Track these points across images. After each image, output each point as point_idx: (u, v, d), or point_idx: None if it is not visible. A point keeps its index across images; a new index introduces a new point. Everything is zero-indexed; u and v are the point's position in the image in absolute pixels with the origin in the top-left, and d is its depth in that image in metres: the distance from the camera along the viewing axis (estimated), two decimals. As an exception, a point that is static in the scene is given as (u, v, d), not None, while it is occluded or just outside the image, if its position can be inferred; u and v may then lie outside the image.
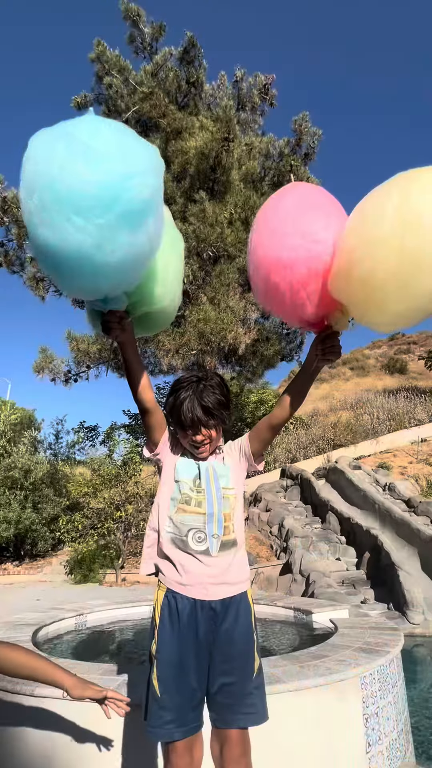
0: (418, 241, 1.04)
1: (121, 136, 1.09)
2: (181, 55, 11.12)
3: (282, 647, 3.01)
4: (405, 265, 1.06)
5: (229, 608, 1.42)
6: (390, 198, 1.09)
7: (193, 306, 9.13)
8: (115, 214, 1.05)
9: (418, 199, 1.05)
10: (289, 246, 1.25)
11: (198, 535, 1.43)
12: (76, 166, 1.02)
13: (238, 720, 1.37)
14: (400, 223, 1.05)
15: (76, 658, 2.74)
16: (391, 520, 8.21)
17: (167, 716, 1.35)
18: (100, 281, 1.18)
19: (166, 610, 1.41)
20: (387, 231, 1.07)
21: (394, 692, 2.31)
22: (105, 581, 8.50)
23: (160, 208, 1.19)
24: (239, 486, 1.53)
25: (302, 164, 10.33)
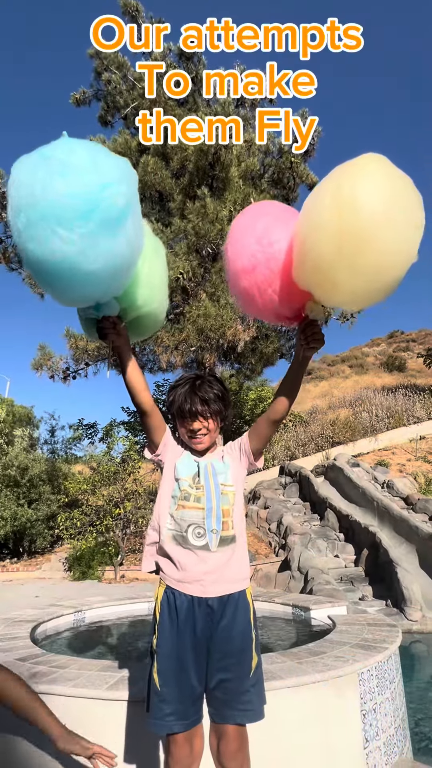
0: (354, 221, 1.13)
1: (94, 151, 1.19)
2: (180, 51, 11.05)
3: (280, 644, 3.02)
4: (346, 244, 1.15)
5: (227, 605, 1.43)
6: (328, 186, 1.21)
7: (193, 302, 9.11)
8: (95, 223, 1.14)
9: (350, 183, 1.15)
10: (249, 253, 1.38)
11: (197, 531, 1.45)
12: (55, 182, 1.12)
13: (234, 716, 1.39)
14: (337, 207, 1.15)
15: (74, 654, 2.75)
16: (389, 517, 8.23)
17: (167, 709, 1.38)
18: (89, 288, 1.27)
19: (166, 606, 1.44)
20: (326, 216, 1.17)
21: (392, 688, 2.32)
22: (104, 578, 8.51)
23: (137, 214, 1.29)
24: (239, 483, 1.55)
25: (302, 161, 10.30)
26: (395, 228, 1.14)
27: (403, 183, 1.17)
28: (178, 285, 9.00)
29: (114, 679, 2.00)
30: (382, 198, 1.13)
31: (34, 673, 2.06)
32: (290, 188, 10.57)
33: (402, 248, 1.18)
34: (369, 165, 1.17)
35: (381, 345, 40.64)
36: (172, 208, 9.88)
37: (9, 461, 10.20)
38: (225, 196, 9.23)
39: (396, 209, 1.14)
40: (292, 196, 10.68)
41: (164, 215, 10.06)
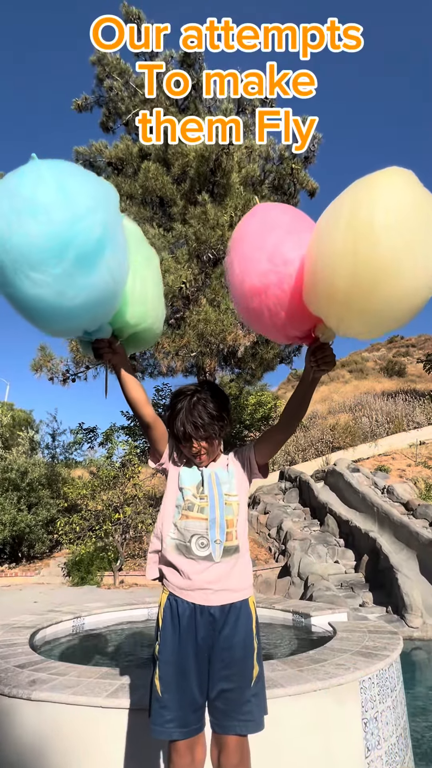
0: (370, 250, 1.03)
1: (64, 180, 1.09)
2: (181, 58, 11.14)
3: (281, 651, 3.00)
4: (362, 274, 1.06)
5: (229, 614, 1.43)
6: (342, 209, 1.10)
7: (193, 308, 9.13)
8: (70, 261, 1.08)
9: (367, 207, 1.03)
10: (260, 272, 1.26)
11: (201, 541, 1.44)
12: (23, 224, 1.04)
13: (234, 727, 1.38)
14: (352, 234, 1.05)
15: (73, 661, 2.73)
16: (389, 523, 8.21)
17: (168, 715, 1.37)
18: (72, 323, 1.22)
19: (168, 613, 1.44)
20: (340, 243, 1.07)
21: (393, 696, 2.30)
22: (103, 583, 8.47)
23: (117, 239, 1.20)
24: (242, 493, 1.54)
25: (302, 167, 10.35)
26: (417, 256, 1.03)
27: (427, 203, 1.05)
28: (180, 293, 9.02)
29: (114, 686, 1.98)
30: (403, 225, 1.02)
31: (34, 681, 2.05)
32: (291, 194, 10.62)
33: (424, 276, 1.07)
34: (388, 184, 1.04)
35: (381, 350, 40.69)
36: (173, 213, 9.92)
37: (8, 465, 10.18)
38: (226, 201, 9.27)
39: (418, 236, 1.03)
40: (292, 202, 10.73)
41: (165, 220, 10.10)
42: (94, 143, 10.73)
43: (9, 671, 2.19)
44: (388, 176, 1.06)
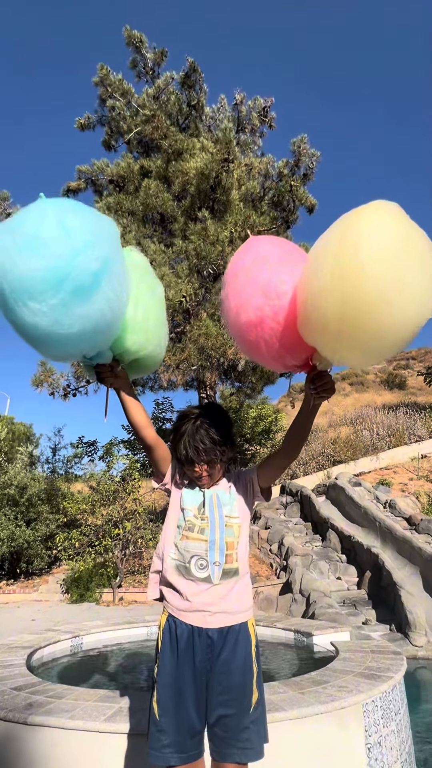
0: (358, 286, 1.04)
1: (65, 218, 1.16)
2: (182, 79, 11.42)
3: (282, 671, 2.95)
4: (351, 310, 1.07)
5: (228, 638, 1.41)
6: (329, 245, 1.11)
7: (194, 322, 9.18)
8: (67, 292, 1.14)
9: (353, 243, 1.04)
10: (254, 306, 1.28)
11: (200, 562, 1.44)
12: (24, 257, 1.12)
13: (233, 755, 1.35)
14: (339, 270, 1.06)
15: (71, 682, 2.68)
16: (392, 538, 8.12)
17: (165, 740, 1.34)
18: (70, 349, 1.29)
19: (167, 634, 1.43)
20: (328, 279, 1.08)
21: (397, 720, 2.25)
22: (102, 600, 8.35)
23: (115, 272, 1.25)
24: (244, 516, 1.53)
25: (301, 184, 10.51)
26: (405, 289, 1.04)
27: (413, 236, 1.06)
28: (180, 307, 9.09)
29: (112, 710, 1.94)
30: (389, 260, 1.02)
31: (30, 704, 2.01)
32: (290, 210, 10.77)
33: (414, 308, 1.08)
34: (374, 219, 1.05)
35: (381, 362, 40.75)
36: (174, 229, 10.05)
37: (8, 480, 10.12)
38: (226, 218, 9.39)
39: (405, 270, 1.03)
40: (292, 218, 10.87)
41: (166, 236, 10.23)
42: (96, 162, 10.93)
43: (5, 694, 2.15)
44: (374, 210, 1.06)
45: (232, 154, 8.83)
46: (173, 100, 11.29)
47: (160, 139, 10.21)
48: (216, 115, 12.00)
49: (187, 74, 11.38)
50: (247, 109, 11.84)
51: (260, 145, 12.07)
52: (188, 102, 11.49)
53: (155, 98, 11.11)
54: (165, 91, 11.19)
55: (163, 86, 11.16)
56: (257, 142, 12.02)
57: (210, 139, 9.69)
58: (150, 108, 10.66)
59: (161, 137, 10.19)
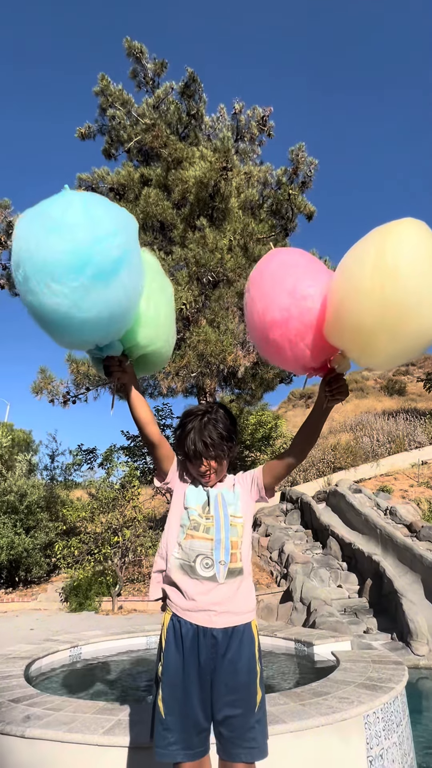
0: (397, 291, 1.17)
1: (90, 207, 1.23)
2: (182, 89, 11.53)
3: (283, 682, 2.92)
4: (389, 312, 1.19)
5: (232, 638, 1.41)
6: (368, 253, 1.23)
7: (193, 329, 9.20)
8: (87, 276, 1.20)
9: (392, 252, 1.18)
10: (282, 306, 1.36)
11: (205, 561, 1.44)
12: (49, 240, 1.18)
13: (240, 754, 1.36)
14: (380, 276, 1.18)
15: (69, 693, 2.65)
16: (393, 546, 8.08)
17: (171, 738, 1.35)
18: (86, 335, 1.32)
19: (171, 633, 1.43)
20: (368, 284, 1.20)
21: (399, 732, 2.23)
22: (101, 609, 8.28)
23: (133, 262, 1.31)
24: (248, 515, 1.55)
25: (299, 192, 10.58)
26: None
27: None
28: (180, 314, 9.12)
29: (110, 722, 1.92)
30: (423, 269, 1.16)
31: (28, 716, 1.99)
32: (289, 218, 10.83)
33: None
34: (409, 232, 1.20)
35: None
36: (173, 237, 10.10)
37: (8, 487, 10.08)
38: (225, 226, 9.45)
39: None
40: (290, 225, 10.93)
41: (166, 244, 10.28)
42: (96, 170, 11.01)
43: (3, 706, 2.13)
44: (408, 226, 1.21)
45: (230, 163, 8.90)
46: (173, 110, 11.39)
47: (160, 147, 10.30)
48: (215, 124, 12.12)
49: (186, 84, 11.50)
50: (246, 118, 11.95)
51: (259, 154, 12.17)
52: (188, 111, 11.60)
53: (155, 108, 11.23)
54: (165, 101, 11.31)
55: (163, 96, 11.28)
56: (256, 151, 12.12)
57: (209, 148, 9.77)
58: (150, 117, 10.76)
59: (161, 146, 10.28)
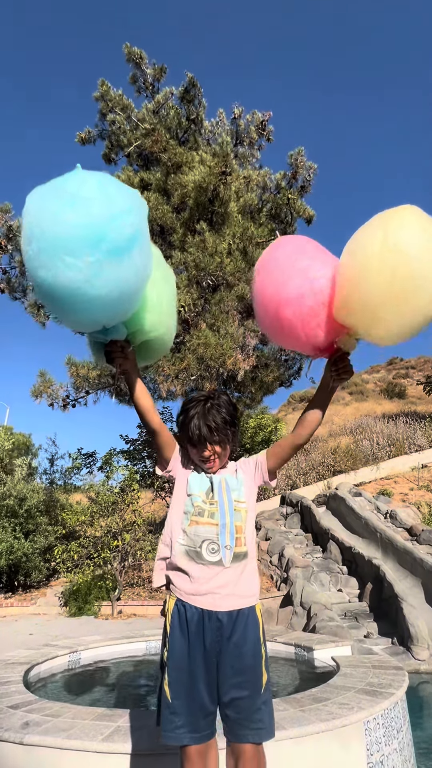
0: (404, 268, 1.28)
1: (105, 184, 1.24)
2: (181, 94, 11.59)
3: (283, 687, 2.91)
4: (397, 288, 1.30)
5: (237, 621, 1.43)
6: (375, 235, 1.33)
7: (193, 332, 9.21)
8: (102, 251, 1.20)
9: (398, 234, 1.30)
10: (294, 285, 1.44)
11: (211, 546, 1.46)
12: (65, 214, 1.17)
13: (247, 735, 1.37)
14: (386, 255, 1.29)
15: (68, 699, 2.64)
16: (393, 550, 8.06)
17: (178, 721, 1.36)
18: (95, 313, 1.31)
19: (176, 618, 1.44)
20: (376, 263, 1.30)
21: (400, 738, 2.22)
22: (101, 614, 8.25)
23: (144, 243, 1.33)
24: (251, 500, 1.57)
25: (299, 196, 10.63)
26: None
27: None
28: (179, 317, 9.13)
29: (110, 729, 1.92)
30: (427, 248, 1.28)
31: (27, 723, 1.98)
32: (288, 222, 10.86)
33: None
34: (410, 216, 1.31)
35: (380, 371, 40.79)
36: (173, 241, 10.13)
37: (7, 491, 10.06)
38: (224, 230, 9.47)
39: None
40: (290, 229, 10.96)
41: (165, 248, 10.30)
42: (97, 174, 11.04)
43: (2, 712, 2.12)
44: (409, 211, 1.33)
45: (230, 167, 8.93)
46: (172, 115, 11.45)
47: (160, 152, 10.34)
48: (215, 128, 12.17)
49: (186, 89, 11.56)
50: (245, 123, 12.00)
51: (258, 158, 12.21)
52: (187, 116, 11.65)
53: (155, 113, 11.28)
54: (164, 106, 11.37)
55: (163, 101, 11.33)
56: (255, 155, 12.16)
57: (209, 153, 9.82)
58: (150, 122, 10.81)
59: (161, 150, 10.32)
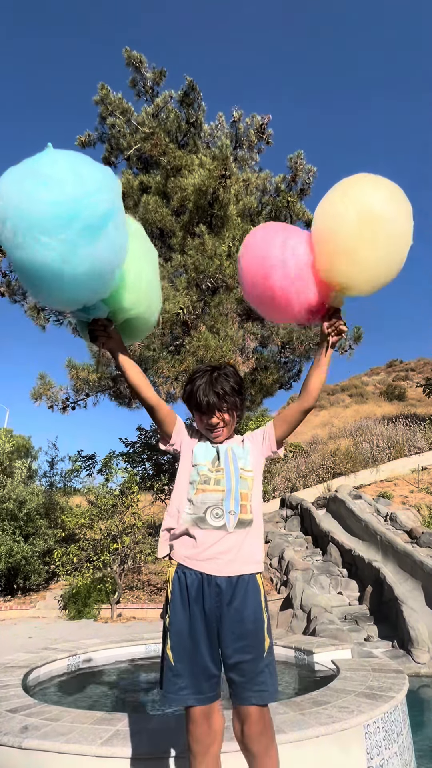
0: (367, 213, 1.45)
1: (77, 162, 1.25)
2: (181, 98, 11.64)
3: (283, 691, 2.90)
4: (366, 230, 1.45)
5: (237, 587, 1.44)
6: (337, 194, 1.52)
7: (193, 334, 9.22)
8: (76, 230, 1.21)
9: (355, 188, 1.49)
10: (276, 254, 1.57)
11: (216, 512, 1.47)
12: (39, 193, 1.19)
13: (251, 697, 1.39)
14: (351, 206, 1.46)
15: (67, 703, 2.63)
16: (393, 552, 8.04)
17: (182, 683, 1.39)
18: (72, 291, 1.32)
19: (177, 584, 1.46)
20: (342, 209, 1.47)
21: (400, 741, 2.21)
22: (100, 617, 8.22)
23: (119, 220, 1.34)
24: (258, 469, 1.57)
25: (298, 199, 10.66)
26: (397, 216, 1.47)
27: (394, 187, 1.53)
28: (178, 319, 9.13)
29: (109, 733, 1.91)
30: (387, 196, 1.47)
31: (26, 727, 1.97)
32: (287, 225, 10.89)
33: (403, 230, 1.49)
34: (362, 176, 1.52)
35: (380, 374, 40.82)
36: (172, 244, 10.15)
37: (7, 494, 10.04)
38: (223, 233, 9.49)
39: (399, 207, 1.49)
40: (289, 232, 11.00)
41: (165, 251, 10.33)
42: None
43: (0, 716, 2.11)
44: (361, 174, 1.53)
45: (229, 170, 8.96)
46: (172, 118, 11.49)
47: (159, 155, 10.38)
48: (214, 132, 12.21)
49: (185, 93, 11.60)
50: (245, 126, 12.05)
51: (258, 161, 12.26)
52: (187, 119, 11.69)
53: (154, 116, 11.32)
54: (164, 109, 11.41)
55: (162, 104, 11.38)
56: (255, 158, 12.21)
57: (208, 156, 9.85)
58: (149, 125, 10.85)
59: (160, 154, 10.36)
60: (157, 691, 1.30)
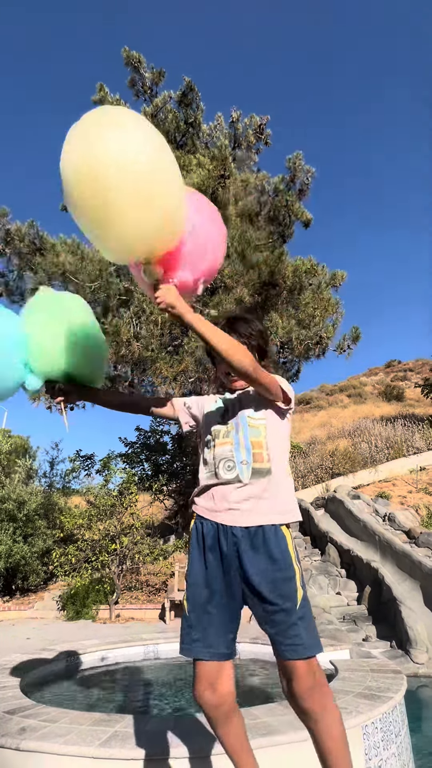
0: (103, 179, 1.21)
1: None
2: (179, 98, 11.65)
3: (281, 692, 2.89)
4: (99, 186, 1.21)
5: (255, 537, 1.37)
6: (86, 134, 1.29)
7: (191, 335, 9.22)
8: None
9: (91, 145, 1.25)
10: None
11: (227, 464, 1.44)
12: None
13: (285, 651, 1.31)
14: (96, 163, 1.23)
15: (65, 704, 2.63)
16: (391, 552, 8.05)
17: (195, 635, 1.37)
18: None
19: (195, 535, 1.45)
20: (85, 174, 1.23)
21: (398, 742, 2.21)
22: (98, 617, 8.22)
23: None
24: (271, 416, 1.49)
25: (297, 200, 10.67)
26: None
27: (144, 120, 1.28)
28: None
29: (107, 734, 1.90)
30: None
31: (23, 728, 1.97)
32: (286, 225, 10.90)
33: (174, 180, 1.28)
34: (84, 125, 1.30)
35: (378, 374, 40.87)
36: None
37: (6, 494, 10.02)
38: (222, 232, 9.48)
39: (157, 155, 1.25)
40: (287, 232, 11.01)
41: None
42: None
43: (-2, 718, 2.10)
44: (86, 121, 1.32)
45: (228, 171, 8.97)
46: (171, 118, 11.49)
47: (158, 155, 10.36)
48: (213, 132, 12.22)
49: (184, 93, 11.61)
50: (244, 127, 12.06)
51: (256, 161, 12.27)
52: (185, 120, 11.70)
53: (153, 116, 11.32)
54: (163, 110, 11.41)
55: (161, 105, 11.38)
56: (253, 158, 12.21)
57: (207, 156, 9.85)
58: (148, 126, 10.84)
59: (159, 154, 10.34)
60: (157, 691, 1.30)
